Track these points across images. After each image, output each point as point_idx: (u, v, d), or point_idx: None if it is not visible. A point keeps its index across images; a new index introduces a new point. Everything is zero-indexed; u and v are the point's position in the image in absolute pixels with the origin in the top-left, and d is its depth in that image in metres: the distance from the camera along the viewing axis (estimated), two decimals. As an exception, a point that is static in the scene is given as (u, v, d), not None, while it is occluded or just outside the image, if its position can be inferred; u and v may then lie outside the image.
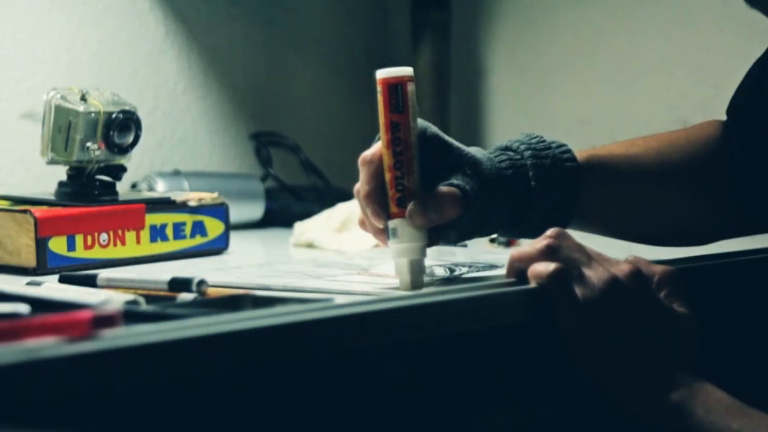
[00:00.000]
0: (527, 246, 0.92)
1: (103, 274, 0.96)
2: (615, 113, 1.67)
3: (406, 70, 0.97)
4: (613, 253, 0.94)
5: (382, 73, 0.96)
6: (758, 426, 0.86)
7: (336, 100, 1.83)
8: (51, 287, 0.93)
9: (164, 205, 1.21)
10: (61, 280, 0.98)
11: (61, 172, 1.19)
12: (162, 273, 0.93)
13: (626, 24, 1.67)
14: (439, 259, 1.10)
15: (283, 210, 1.55)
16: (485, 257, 1.14)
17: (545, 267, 0.90)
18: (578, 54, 1.72)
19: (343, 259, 1.19)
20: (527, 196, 0.99)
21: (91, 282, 0.96)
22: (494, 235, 1.32)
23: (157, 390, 0.72)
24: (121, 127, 1.17)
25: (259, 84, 1.75)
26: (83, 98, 1.17)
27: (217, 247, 1.25)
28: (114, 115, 1.17)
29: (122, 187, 1.23)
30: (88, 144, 1.16)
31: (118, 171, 1.19)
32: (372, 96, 0.97)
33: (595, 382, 0.90)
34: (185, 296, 0.89)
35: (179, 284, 0.90)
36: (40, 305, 0.83)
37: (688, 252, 1.09)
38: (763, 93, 1.05)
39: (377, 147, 0.97)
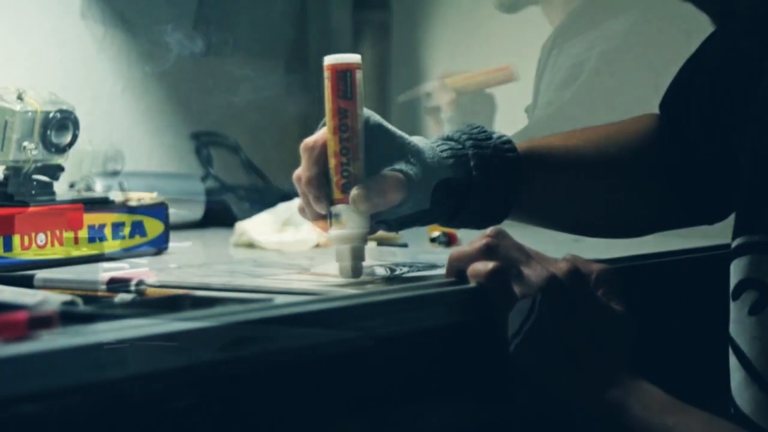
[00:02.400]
0: (466, 245, 0.93)
1: (40, 274, 0.96)
2: (554, 113, 1.68)
3: (354, 57, 0.96)
4: (552, 251, 0.94)
5: (330, 59, 0.96)
6: (693, 422, 0.87)
7: (276, 100, 1.83)
8: (-13, 288, 0.92)
9: (102, 205, 1.20)
10: (-3, 281, 0.97)
11: (-3, 172, 1.18)
12: (100, 273, 0.92)
13: (565, 25, 1.68)
14: (379, 258, 1.11)
15: (224, 210, 1.55)
16: (425, 257, 1.14)
17: (484, 266, 0.90)
18: (517, 54, 1.73)
19: (284, 259, 1.19)
20: (468, 185, 1.00)
21: (27, 283, 0.95)
22: (435, 235, 1.33)
23: (95, 392, 0.71)
24: (58, 127, 1.16)
25: (198, 84, 1.74)
26: (20, 97, 1.15)
27: (157, 248, 1.24)
28: (51, 115, 1.16)
29: (60, 187, 1.22)
30: (25, 143, 1.15)
31: (56, 171, 1.18)
32: (314, 95, 0.97)
33: (533, 380, 0.90)
34: (124, 297, 0.89)
35: (117, 285, 0.90)
36: (-25, 306, 0.82)
37: (624, 251, 1.10)
38: (693, 90, 1.06)
39: (320, 133, 0.97)
